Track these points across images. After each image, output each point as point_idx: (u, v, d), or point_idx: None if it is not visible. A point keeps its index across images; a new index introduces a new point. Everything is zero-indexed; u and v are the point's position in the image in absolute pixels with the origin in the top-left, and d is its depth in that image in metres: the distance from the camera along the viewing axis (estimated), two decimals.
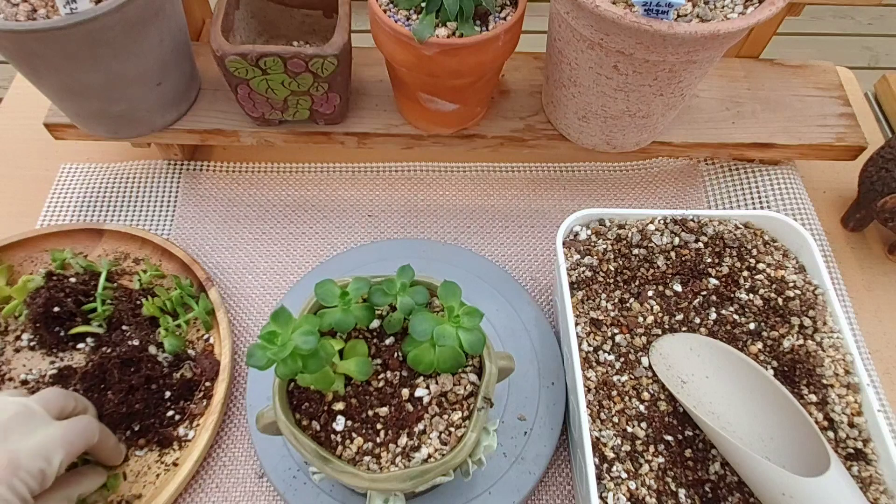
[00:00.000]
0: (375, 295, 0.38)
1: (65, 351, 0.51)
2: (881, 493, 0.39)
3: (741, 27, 0.41)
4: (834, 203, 0.65)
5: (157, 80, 0.53)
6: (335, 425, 0.36)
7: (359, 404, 0.37)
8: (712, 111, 0.61)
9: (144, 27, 0.48)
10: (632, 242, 0.49)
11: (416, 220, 0.63)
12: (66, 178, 0.64)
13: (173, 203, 0.63)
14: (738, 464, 0.39)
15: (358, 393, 0.38)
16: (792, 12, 0.60)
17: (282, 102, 0.54)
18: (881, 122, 0.73)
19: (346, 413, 0.37)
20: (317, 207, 0.63)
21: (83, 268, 0.54)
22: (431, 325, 0.36)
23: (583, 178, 0.66)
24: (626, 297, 0.47)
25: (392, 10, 0.49)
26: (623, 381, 0.43)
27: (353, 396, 0.37)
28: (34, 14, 0.46)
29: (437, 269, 0.56)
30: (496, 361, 0.38)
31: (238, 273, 0.59)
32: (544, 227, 0.62)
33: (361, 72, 0.62)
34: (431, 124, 0.58)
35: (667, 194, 0.65)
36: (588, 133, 0.56)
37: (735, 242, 0.48)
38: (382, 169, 0.66)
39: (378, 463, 0.35)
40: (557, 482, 0.49)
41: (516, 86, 0.62)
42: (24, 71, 0.49)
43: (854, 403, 0.42)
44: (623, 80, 0.48)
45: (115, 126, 0.56)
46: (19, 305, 0.52)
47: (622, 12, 0.41)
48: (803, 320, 0.45)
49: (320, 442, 0.36)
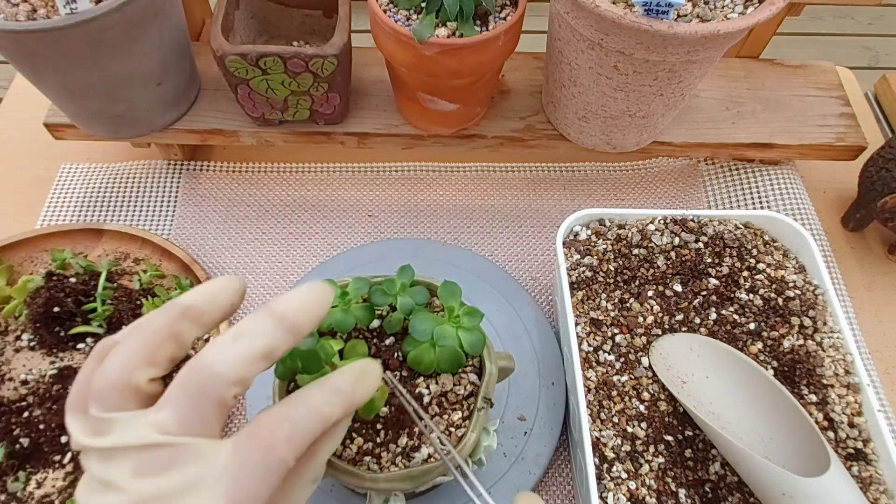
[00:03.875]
0: (375, 295, 0.38)
1: (65, 351, 0.51)
2: (881, 493, 0.39)
3: (741, 27, 0.41)
4: (834, 203, 0.65)
5: (157, 80, 0.53)
6: None
7: None
8: (712, 111, 0.61)
9: (144, 27, 0.48)
10: (632, 242, 0.49)
11: (416, 220, 0.63)
12: (66, 178, 0.64)
13: (173, 203, 0.63)
14: (738, 464, 0.39)
15: None
16: (792, 12, 0.60)
17: (282, 102, 0.54)
18: (881, 122, 0.73)
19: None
20: (317, 207, 0.63)
21: (83, 268, 0.54)
22: (432, 325, 0.36)
23: (583, 178, 0.66)
24: (626, 297, 0.47)
25: (392, 10, 0.49)
26: (623, 381, 0.43)
27: None
28: (34, 14, 0.46)
29: (437, 269, 0.56)
30: (496, 362, 0.38)
31: (238, 273, 0.59)
32: (544, 227, 0.62)
33: (361, 72, 0.62)
34: (431, 124, 0.58)
35: (667, 194, 0.65)
36: (588, 133, 0.56)
37: (735, 242, 0.48)
38: (382, 169, 0.66)
39: (378, 463, 0.35)
40: (557, 482, 0.49)
41: (516, 86, 0.62)
42: (24, 71, 0.49)
43: (854, 403, 0.42)
44: (623, 80, 0.48)
45: (115, 126, 0.55)
46: (19, 305, 0.52)
47: (622, 12, 0.41)
48: (803, 320, 0.45)
49: None
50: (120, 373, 0.23)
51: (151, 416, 0.22)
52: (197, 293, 0.25)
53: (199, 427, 0.22)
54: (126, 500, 0.22)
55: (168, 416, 0.22)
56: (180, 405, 0.22)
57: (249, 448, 0.22)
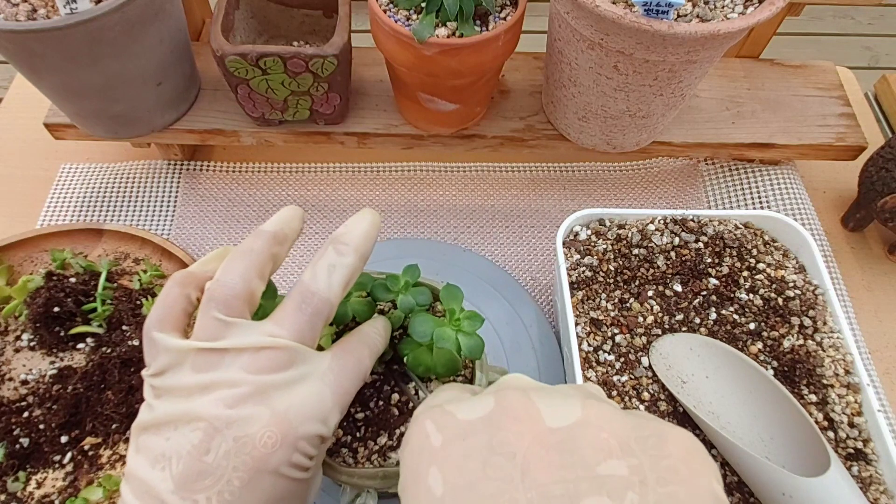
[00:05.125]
0: (378, 290, 0.38)
1: (65, 351, 0.51)
2: (881, 493, 0.39)
3: (741, 27, 0.41)
4: (834, 203, 0.65)
5: (157, 80, 0.53)
6: None
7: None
8: (712, 111, 0.61)
9: (144, 27, 0.48)
10: (632, 242, 0.49)
11: (416, 220, 0.63)
12: (66, 178, 0.64)
13: (173, 203, 0.63)
14: (738, 464, 0.39)
15: None
16: (792, 12, 0.60)
17: (282, 102, 0.54)
18: (881, 122, 0.73)
19: None
20: (317, 207, 0.63)
21: (83, 268, 0.54)
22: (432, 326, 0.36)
23: (583, 178, 0.66)
24: (626, 297, 0.47)
25: (392, 10, 0.49)
26: (623, 381, 0.43)
27: None
28: (34, 14, 0.46)
29: (436, 269, 0.56)
30: (488, 374, 0.38)
31: None
32: (544, 227, 0.62)
33: (361, 72, 0.62)
34: (431, 124, 0.58)
35: (667, 194, 0.65)
36: (588, 133, 0.56)
37: (735, 242, 0.48)
38: (382, 169, 0.66)
39: (354, 457, 0.35)
40: None
41: (516, 86, 0.62)
42: (24, 71, 0.49)
43: (854, 403, 0.42)
44: (623, 80, 0.48)
45: (115, 126, 0.55)
46: (19, 305, 0.52)
47: (622, 12, 0.41)
48: (803, 320, 0.45)
49: None
50: (244, 283, 0.28)
51: (269, 327, 0.27)
52: (278, 221, 0.31)
53: (308, 338, 0.28)
54: (244, 391, 0.26)
55: (285, 328, 0.27)
56: (296, 320, 0.28)
57: (346, 357, 0.30)
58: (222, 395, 0.25)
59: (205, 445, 0.24)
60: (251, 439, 0.25)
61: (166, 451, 0.25)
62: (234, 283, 0.28)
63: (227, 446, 0.25)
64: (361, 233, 0.30)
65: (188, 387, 0.26)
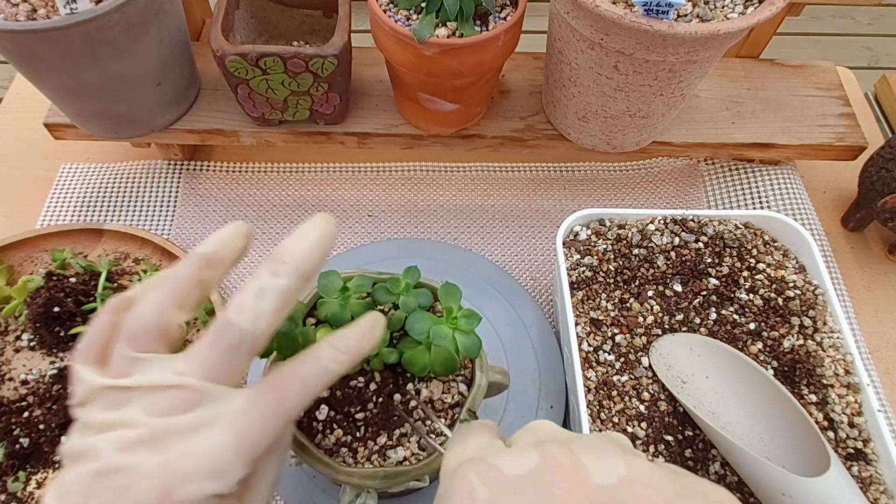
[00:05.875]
0: (379, 292, 0.38)
1: (65, 351, 0.51)
2: (881, 493, 0.39)
3: (741, 27, 0.41)
4: (834, 203, 0.65)
5: (157, 80, 0.53)
6: (318, 414, 0.37)
7: (342, 397, 0.37)
8: (712, 111, 0.61)
9: (144, 27, 0.48)
10: (632, 242, 0.49)
11: (416, 220, 0.63)
12: (66, 178, 0.64)
13: (173, 203, 0.63)
14: (738, 464, 0.39)
15: (344, 387, 0.38)
16: (792, 12, 0.60)
17: (282, 102, 0.54)
18: (881, 122, 0.73)
19: (330, 403, 0.37)
20: (317, 207, 0.63)
21: (83, 268, 0.54)
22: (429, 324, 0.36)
23: (583, 178, 0.66)
24: (626, 297, 0.47)
25: (392, 10, 0.49)
26: (623, 381, 0.43)
27: (339, 389, 0.37)
28: (34, 14, 0.46)
29: (436, 269, 0.56)
30: (488, 374, 0.38)
31: (238, 273, 0.59)
32: (544, 227, 0.62)
33: (361, 72, 0.62)
34: (431, 124, 0.58)
35: (667, 194, 0.65)
36: (588, 133, 0.56)
37: (735, 242, 0.48)
38: (382, 169, 0.66)
39: (354, 457, 0.35)
40: None
41: (516, 86, 0.62)
42: (24, 71, 0.49)
43: (854, 403, 0.42)
44: (623, 80, 0.48)
45: (115, 126, 0.55)
46: (19, 305, 0.52)
47: (622, 12, 0.41)
48: (803, 320, 0.45)
49: (301, 428, 0.36)
50: (155, 315, 0.25)
51: (179, 363, 0.24)
52: (214, 241, 0.27)
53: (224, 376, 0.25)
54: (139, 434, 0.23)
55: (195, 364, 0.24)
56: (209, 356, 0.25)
57: (264, 398, 0.25)
58: (118, 436, 0.23)
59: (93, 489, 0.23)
60: (130, 491, 0.22)
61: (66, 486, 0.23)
62: (146, 316, 0.25)
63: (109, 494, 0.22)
64: (304, 249, 0.26)
65: (96, 424, 0.24)
